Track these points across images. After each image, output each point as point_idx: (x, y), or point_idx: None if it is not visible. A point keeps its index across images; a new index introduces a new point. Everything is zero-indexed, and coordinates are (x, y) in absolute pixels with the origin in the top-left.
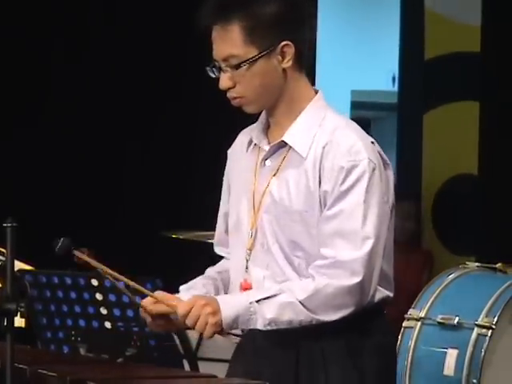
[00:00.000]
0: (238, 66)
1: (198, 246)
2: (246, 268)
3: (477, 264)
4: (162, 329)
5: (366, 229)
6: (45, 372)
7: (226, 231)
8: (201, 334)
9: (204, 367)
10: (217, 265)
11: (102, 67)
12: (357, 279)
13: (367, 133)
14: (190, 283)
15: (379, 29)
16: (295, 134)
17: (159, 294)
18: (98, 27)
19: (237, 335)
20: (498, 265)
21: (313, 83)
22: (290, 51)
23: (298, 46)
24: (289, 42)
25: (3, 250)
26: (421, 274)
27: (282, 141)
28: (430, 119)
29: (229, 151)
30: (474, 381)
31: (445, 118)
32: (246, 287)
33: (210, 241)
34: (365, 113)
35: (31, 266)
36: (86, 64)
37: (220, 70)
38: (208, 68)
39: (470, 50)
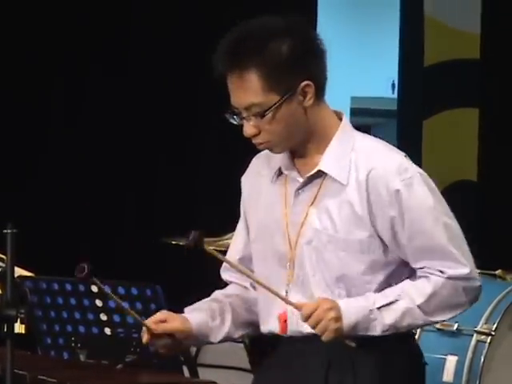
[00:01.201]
0: (262, 115)
1: (198, 253)
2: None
3: (476, 270)
4: (168, 349)
5: (454, 238)
6: (44, 378)
7: (241, 260)
8: None
9: (204, 373)
10: (225, 288)
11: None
12: (477, 283)
13: None
14: (195, 305)
15: (379, 35)
16: (330, 162)
17: (162, 315)
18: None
19: (351, 345)
20: (498, 271)
21: None
22: (311, 90)
23: (317, 81)
24: (308, 82)
25: (3, 256)
26: None
27: (319, 170)
28: (429, 126)
29: (243, 178)
30: None
31: (444, 125)
32: (285, 319)
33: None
34: (364, 119)
35: (31, 272)
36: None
37: (242, 117)
38: (227, 115)
39: (470, 57)
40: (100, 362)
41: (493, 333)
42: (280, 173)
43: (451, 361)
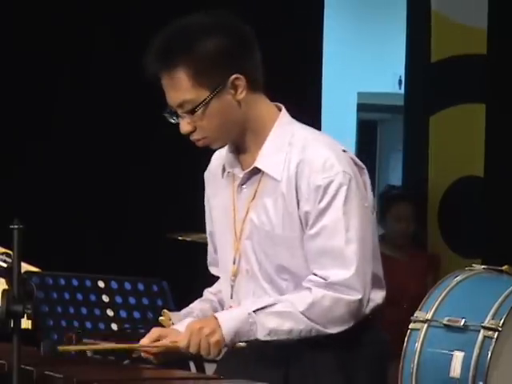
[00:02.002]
0: (193, 111)
1: (204, 248)
2: (231, 295)
3: (483, 266)
4: (171, 359)
5: (351, 242)
6: (51, 374)
7: (216, 251)
8: None
9: (210, 369)
10: (213, 286)
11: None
12: (357, 296)
13: (374, 136)
14: (189, 308)
15: (386, 31)
16: (266, 158)
17: (154, 333)
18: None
19: (241, 346)
20: (505, 267)
21: (319, 85)
22: (242, 83)
23: (247, 74)
24: (238, 75)
25: (10, 251)
26: (425, 277)
27: (255, 167)
28: (436, 121)
29: (205, 174)
30: (481, 383)
31: (451, 121)
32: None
33: None
34: (371, 115)
35: (38, 268)
36: (90, 74)
37: (177, 115)
38: (166, 114)
39: (477, 52)
40: (106, 358)
41: (500, 328)
42: (227, 170)
43: (458, 356)
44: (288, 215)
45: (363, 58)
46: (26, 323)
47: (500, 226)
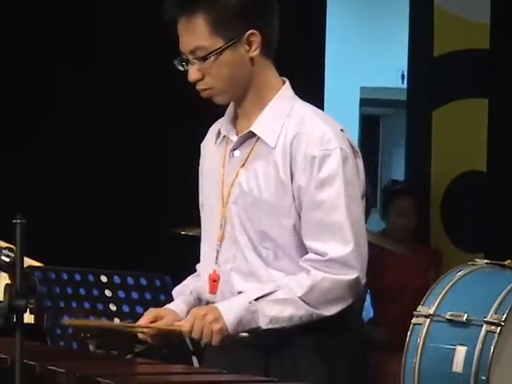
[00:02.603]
0: (205, 58)
1: None
2: (216, 259)
3: (486, 261)
4: (169, 341)
5: (350, 221)
6: (54, 368)
7: None
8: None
9: None
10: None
11: (106, 69)
12: (354, 274)
13: (376, 130)
14: (182, 286)
15: (388, 26)
16: (263, 124)
17: (151, 314)
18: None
19: (244, 336)
20: (507, 261)
21: (322, 80)
22: (257, 40)
23: (264, 34)
24: (255, 31)
25: (12, 246)
26: (427, 272)
27: (250, 131)
28: (438, 116)
29: (202, 144)
30: (483, 378)
31: (454, 115)
32: (214, 279)
33: None
34: (374, 110)
35: (40, 262)
36: (91, 67)
37: (188, 62)
38: (176, 61)
39: (479, 47)
40: (109, 353)
41: (502, 323)
42: (223, 135)
43: (460, 351)
44: (279, 183)
45: (366, 53)
46: (28, 318)
47: (503, 220)
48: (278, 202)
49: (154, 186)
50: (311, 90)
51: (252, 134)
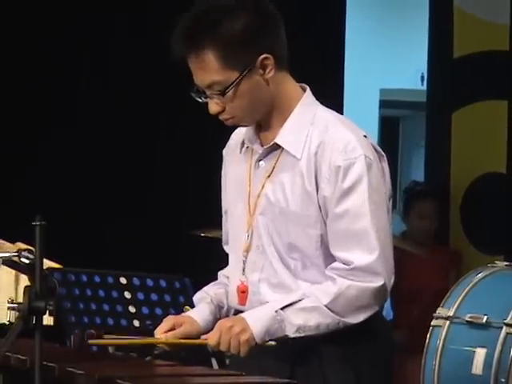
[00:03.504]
0: (223, 93)
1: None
2: (243, 270)
3: (505, 263)
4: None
5: (376, 228)
6: (73, 370)
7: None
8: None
9: None
10: (227, 268)
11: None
12: (380, 281)
13: (396, 132)
14: (203, 292)
15: (408, 27)
16: (287, 135)
17: (169, 321)
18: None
19: (271, 345)
20: None
21: (341, 82)
22: (270, 62)
23: (275, 53)
24: (267, 55)
25: (32, 248)
26: (447, 274)
27: (275, 143)
28: (458, 118)
29: (224, 151)
30: (503, 380)
31: (473, 117)
32: (242, 290)
33: None
34: (393, 111)
35: (60, 264)
36: (114, 64)
37: (206, 95)
38: (193, 94)
39: (499, 48)
40: (128, 354)
41: None
42: (246, 146)
43: (480, 353)
44: (305, 194)
45: (386, 55)
46: (47, 319)
47: None
48: (305, 212)
49: (174, 187)
50: (331, 92)
51: (277, 146)
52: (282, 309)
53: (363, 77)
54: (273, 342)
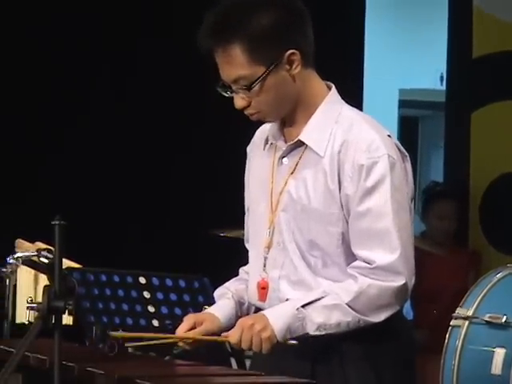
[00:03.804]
0: (249, 88)
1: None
2: (264, 266)
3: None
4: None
5: (398, 227)
6: (93, 370)
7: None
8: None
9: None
10: (248, 265)
11: (149, 71)
12: (402, 280)
13: (415, 132)
14: (224, 288)
15: (427, 28)
16: (311, 132)
17: (190, 319)
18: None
19: (292, 344)
20: None
21: (361, 82)
22: (297, 58)
23: (302, 49)
24: (293, 51)
25: (51, 248)
26: (466, 274)
27: (299, 140)
28: (477, 118)
29: (248, 148)
30: None
31: (493, 117)
32: (263, 286)
33: None
34: (413, 111)
35: (79, 264)
36: (133, 68)
37: (232, 90)
38: (219, 88)
39: None
40: (148, 354)
41: None
42: (271, 142)
43: (499, 353)
44: (328, 192)
45: (405, 55)
46: (67, 319)
47: None
48: (327, 210)
49: (194, 187)
50: (350, 92)
51: (300, 143)
52: (303, 306)
53: (382, 77)
54: (294, 341)
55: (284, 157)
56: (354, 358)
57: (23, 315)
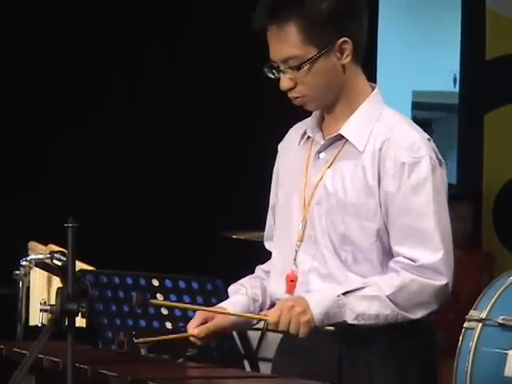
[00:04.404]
0: (298, 68)
1: (258, 247)
2: (295, 260)
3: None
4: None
5: (440, 229)
6: (106, 372)
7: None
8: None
9: (265, 368)
10: (266, 263)
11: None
12: (444, 280)
13: (428, 134)
14: (238, 284)
15: (440, 29)
16: (352, 127)
17: (200, 316)
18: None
19: (330, 329)
20: None
21: (374, 83)
22: (349, 47)
23: (355, 39)
24: (346, 39)
25: (64, 250)
26: (481, 276)
27: (339, 134)
28: (491, 120)
29: (279, 145)
30: None
31: (506, 119)
32: (292, 278)
33: None
34: (426, 113)
35: (92, 266)
36: (142, 63)
37: (279, 70)
38: (266, 69)
39: None
40: (161, 356)
41: None
42: (308, 137)
43: None
44: (366, 187)
45: (418, 57)
46: (80, 321)
47: None
48: (364, 205)
49: (207, 189)
50: None
51: (340, 137)
52: (344, 294)
53: (396, 79)
54: (331, 328)
55: (321, 151)
56: (380, 357)
57: (36, 317)
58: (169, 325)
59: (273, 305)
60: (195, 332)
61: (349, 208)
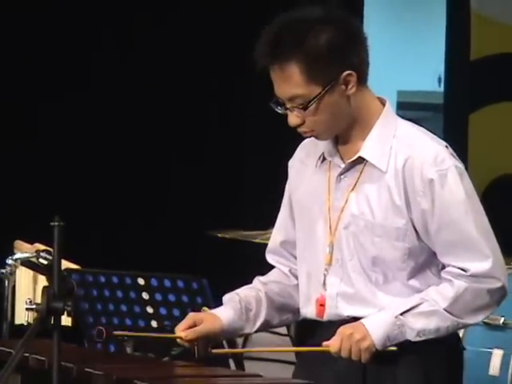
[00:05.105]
0: (305, 108)
1: (244, 246)
2: (324, 283)
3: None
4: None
5: (483, 235)
6: (91, 371)
7: (283, 243)
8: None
9: (250, 366)
10: (266, 275)
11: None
12: (499, 283)
13: None
14: (233, 294)
15: (425, 29)
16: (371, 148)
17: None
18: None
19: (392, 349)
20: None
21: None
22: (353, 79)
23: (358, 70)
24: (350, 72)
25: (50, 249)
26: None
27: (360, 157)
28: (475, 120)
29: (289, 163)
30: None
31: (491, 119)
32: (321, 303)
33: (256, 240)
34: (411, 113)
35: (78, 265)
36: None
37: (286, 107)
38: (273, 104)
39: None
40: (146, 355)
41: None
42: (324, 158)
43: (497, 355)
44: (395, 207)
45: (403, 57)
46: (66, 320)
47: None
48: (393, 225)
49: (193, 187)
50: None
51: (360, 159)
52: (402, 314)
53: (380, 79)
54: (394, 348)
55: (342, 174)
56: (405, 357)
57: (22, 316)
58: (154, 323)
59: (301, 322)
60: (182, 335)
61: (377, 229)
